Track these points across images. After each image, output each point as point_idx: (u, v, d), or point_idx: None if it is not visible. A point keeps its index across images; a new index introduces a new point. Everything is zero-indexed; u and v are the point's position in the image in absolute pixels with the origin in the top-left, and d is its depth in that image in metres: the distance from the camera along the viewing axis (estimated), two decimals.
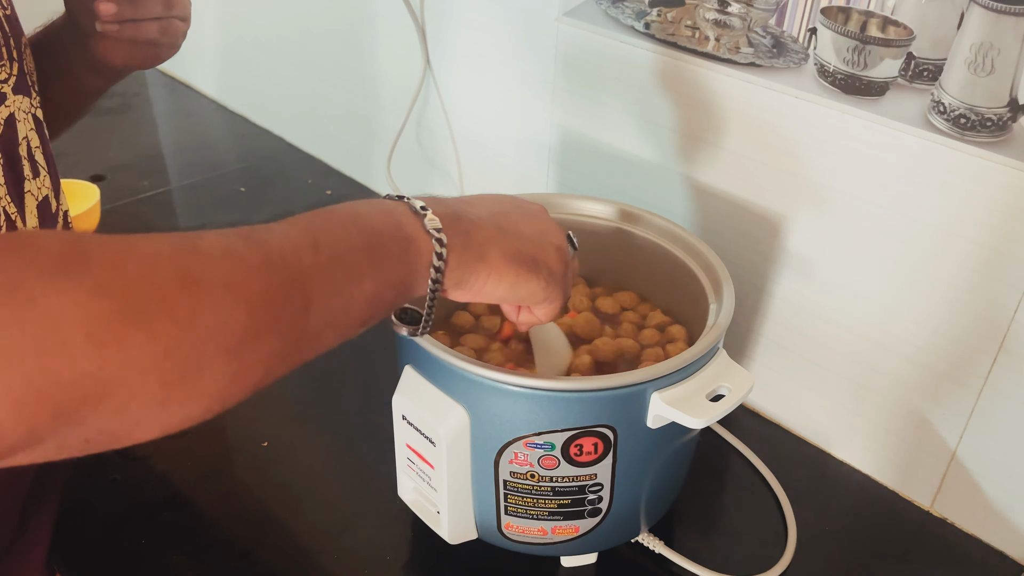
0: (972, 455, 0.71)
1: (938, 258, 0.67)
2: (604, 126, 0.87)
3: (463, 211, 0.50)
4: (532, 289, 0.51)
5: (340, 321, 0.43)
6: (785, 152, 0.73)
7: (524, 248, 0.51)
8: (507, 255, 0.50)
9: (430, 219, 0.47)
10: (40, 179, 0.62)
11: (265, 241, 0.40)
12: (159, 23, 0.68)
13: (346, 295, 0.43)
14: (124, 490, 0.75)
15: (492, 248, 0.49)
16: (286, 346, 0.40)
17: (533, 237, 0.52)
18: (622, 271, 0.78)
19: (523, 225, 0.52)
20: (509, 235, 0.51)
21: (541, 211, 0.56)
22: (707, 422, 0.57)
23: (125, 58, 0.69)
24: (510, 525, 0.65)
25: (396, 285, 0.46)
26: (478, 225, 0.50)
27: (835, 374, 0.78)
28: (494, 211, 0.52)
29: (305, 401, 0.86)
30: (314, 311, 0.41)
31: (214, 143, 1.40)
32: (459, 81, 1.02)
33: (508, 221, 0.52)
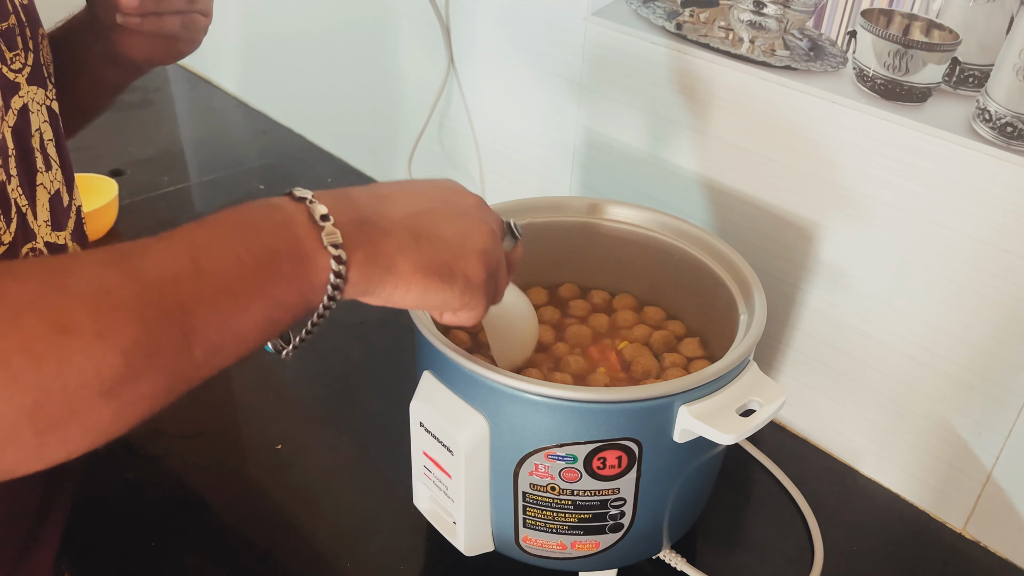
0: (1009, 476, 0.68)
1: (978, 271, 0.65)
2: (631, 129, 0.85)
3: (374, 214, 0.46)
4: (445, 298, 0.48)
5: (229, 348, 0.41)
6: (820, 158, 0.71)
7: (439, 256, 0.46)
8: (418, 265, 0.46)
9: (329, 233, 0.43)
10: (52, 172, 0.61)
11: (142, 269, 0.37)
12: (181, 17, 0.67)
13: (234, 323, 0.40)
14: (137, 490, 0.74)
15: (402, 258, 0.45)
16: (169, 381, 0.38)
17: (452, 241, 0.47)
18: (649, 278, 0.76)
19: (444, 227, 0.48)
20: (424, 241, 0.46)
21: (474, 206, 0.51)
22: (737, 438, 0.55)
23: (146, 52, 0.68)
24: (528, 538, 0.63)
25: (292, 307, 0.43)
26: (388, 232, 0.45)
27: (867, 389, 0.75)
28: (413, 210, 0.48)
29: (320, 403, 0.85)
30: (198, 344, 0.38)
31: (234, 140, 1.39)
32: (483, 80, 1.00)
33: (426, 223, 0.47)
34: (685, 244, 0.73)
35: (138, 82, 0.77)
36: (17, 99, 0.57)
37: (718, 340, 0.69)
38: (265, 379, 0.88)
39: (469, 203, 0.51)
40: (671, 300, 0.76)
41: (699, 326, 0.74)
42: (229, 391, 0.86)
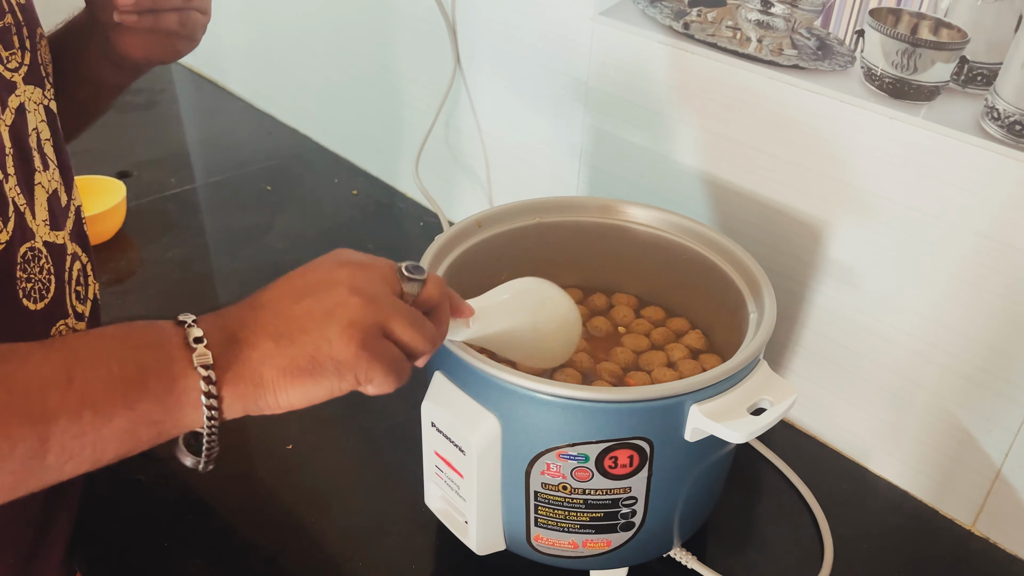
0: (1018, 473, 0.69)
1: (987, 269, 0.65)
2: (639, 128, 0.85)
3: (244, 328, 0.47)
4: (328, 388, 0.48)
5: (86, 457, 0.43)
6: (828, 157, 0.71)
7: (300, 352, 0.46)
8: (283, 369, 0.46)
9: (200, 355, 0.45)
10: (50, 172, 0.61)
11: (13, 377, 0.40)
12: (178, 15, 0.66)
13: (92, 434, 0.42)
14: (147, 491, 0.74)
15: (266, 367, 0.46)
16: (16, 479, 0.41)
17: (313, 330, 0.47)
18: (658, 278, 0.77)
19: (305, 320, 0.47)
20: (284, 342, 0.46)
21: (345, 279, 0.48)
22: (748, 437, 0.55)
23: (144, 51, 0.68)
24: (540, 537, 0.63)
25: (155, 422, 0.45)
26: (253, 344, 0.46)
27: (876, 386, 0.75)
28: (280, 312, 0.47)
29: (331, 403, 0.84)
30: (53, 451, 0.41)
31: (241, 141, 1.40)
32: (489, 80, 1.00)
33: (288, 322, 0.47)
34: (694, 243, 0.73)
35: (144, 84, 0.77)
36: (14, 98, 0.58)
37: (728, 339, 0.69)
38: None
39: (339, 278, 0.48)
40: (680, 299, 0.76)
41: (709, 325, 0.74)
42: None
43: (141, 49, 0.68)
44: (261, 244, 1.11)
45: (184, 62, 1.62)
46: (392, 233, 1.14)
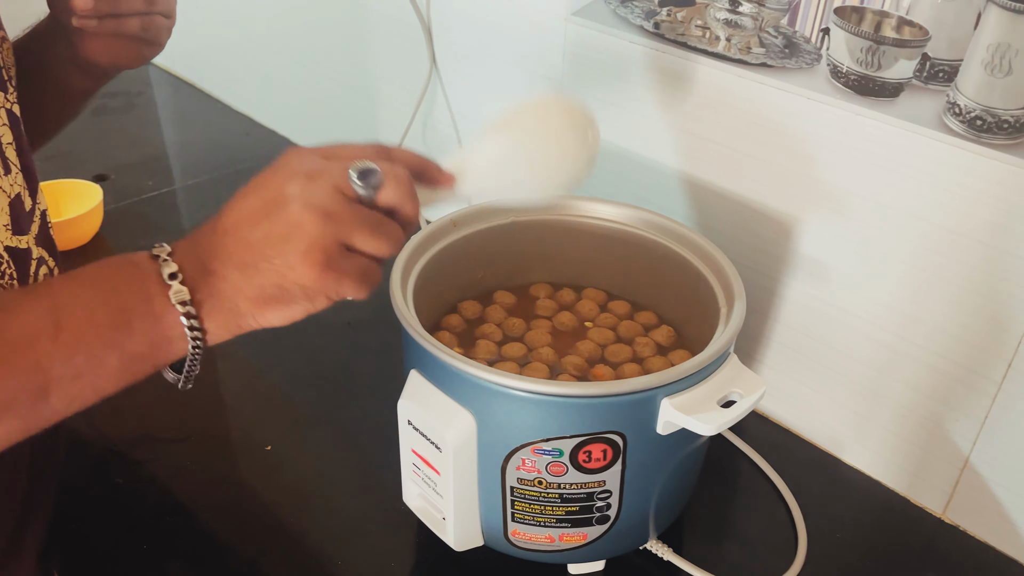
0: (986, 461, 0.70)
1: (953, 262, 0.66)
2: (612, 127, 0.86)
3: (214, 259, 0.47)
4: (303, 309, 0.49)
5: (87, 396, 0.46)
6: (797, 154, 0.72)
7: (267, 283, 0.47)
8: (255, 300, 0.47)
9: (176, 291, 0.46)
10: (12, 176, 0.61)
11: (3, 328, 0.42)
12: (140, 19, 0.66)
13: (90, 376, 0.45)
14: (126, 494, 0.74)
15: (239, 297, 0.47)
16: (26, 423, 0.44)
17: (275, 258, 0.47)
18: (630, 274, 0.77)
19: (265, 247, 0.47)
20: (250, 272, 0.47)
21: (296, 195, 0.47)
22: (718, 429, 0.56)
23: (109, 56, 0.68)
24: (517, 532, 0.64)
25: (146, 357, 0.47)
26: (223, 276, 0.47)
27: (847, 379, 0.77)
28: (243, 239, 0.47)
29: (309, 404, 0.86)
30: (55, 393, 0.44)
31: (219, 143, 1.40)
32: (465, 81, 1.01)
33: (250, 250, 0.47)
34: (666, 240, 0.74)
35: (121, 86, 0.77)
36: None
37: (700, 334, 0.70)
38: (253, 382, 0.89)
39: (291, 194, 0.47)
40: (652, 295, 0.77)
41: (681, 320, 0.75)
42: (218, 394, 0.87)
43: (105, 54, 0.67)
44: None
45: (161, 64, 1.62)
46: None
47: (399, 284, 0.65)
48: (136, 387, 0.84)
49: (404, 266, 0.67)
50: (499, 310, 0.76)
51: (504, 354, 0.71)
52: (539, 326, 0.75)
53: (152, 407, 0.84)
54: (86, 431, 0.81)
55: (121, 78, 0.74)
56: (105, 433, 0.81)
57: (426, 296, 0.69)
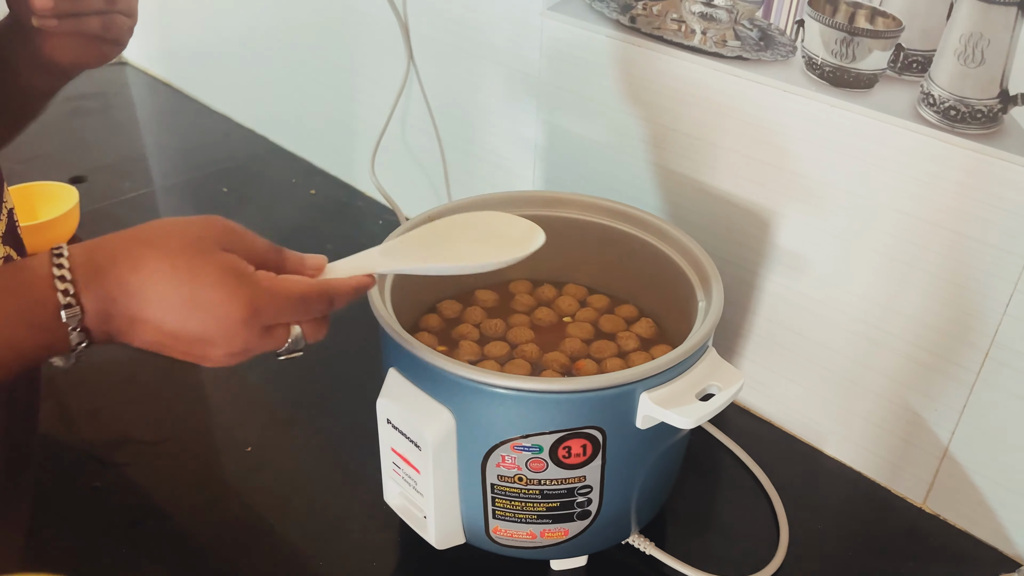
0: (965, 450, 0.70)
1: (928, 252, 0.66)
2: (590, 122, 0.86)
3: (123, 326, 0.48)
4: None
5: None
6: (774, 146, 0.72)
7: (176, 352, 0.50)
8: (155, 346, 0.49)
9: (74, 339, 0.47)
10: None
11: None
12: (101, 18, 0.65)
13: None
14: (104, 498, 0.74)
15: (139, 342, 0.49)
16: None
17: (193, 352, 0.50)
18: (609, 269, 0.77)
19: (185, 344, 0.50)
20: (164, 349, 0.50)
21: (219, 352, 0.51)
22: (697, 422, 0.56)
23: (70, 56, 0.67)
24: (498, 529, 0.64)
25: (44, 352, 0.48)
26: (128, 334, 0.49)
27: (826, 370, 0.77)
28: (160, 329, 0.49)
29: (289, 404, 0.85)
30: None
31: (196, 143, 1.39)
32: (444, 77, 1.01)
33: (167, 339, 0.49)
34: (644, 234, 0.74)
35: (98, 87, 0.77)
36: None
37: (678, 327, 0.70)
38: (232, 382, 0.88)
39: (216, 349, 0.51)
40: (632, 289, 0.77)
41: (660, 314, 0.75)
42: (196, 396, 0.86)
43: (66, 54, 0.67)
44: None
45: (138, 64, 1.61)
46: (351, 232, 1.14)
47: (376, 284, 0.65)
48: (114, 388, 0.84)
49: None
50: (478, 310, 0.76)
51: (487, 353, 0.71)
52: (520, 323, 0.74)
53: (130, 409, 0.83)
54: (63, 434, 0.80)
55: (97, 79, 0.74)
56: (83, 436, 0.80)
57: (405, 294, 0.69)
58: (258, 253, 0.53)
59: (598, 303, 0.77)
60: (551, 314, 0.75)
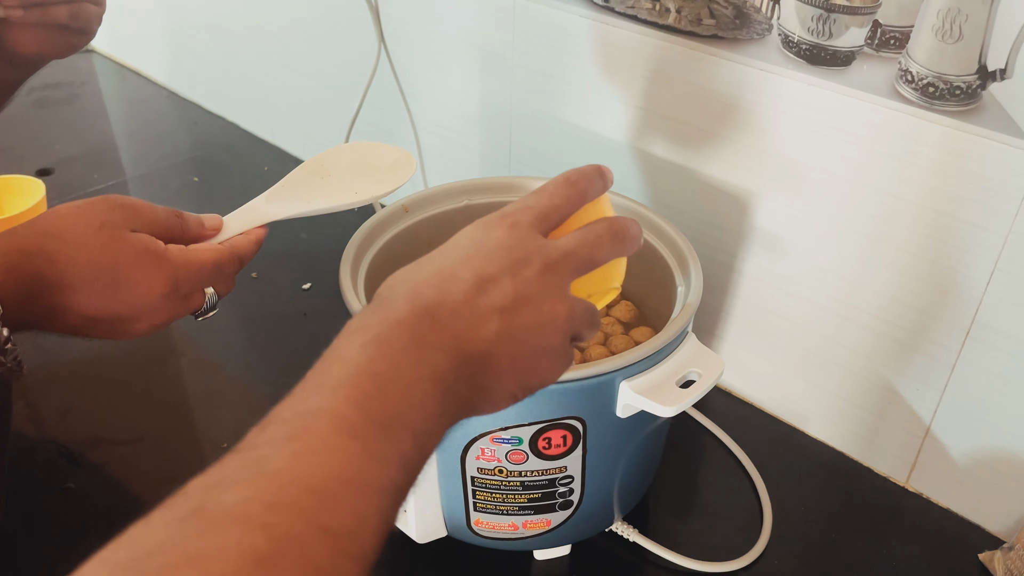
0: (947, 429, 0.70)
1: (908, 231, 0.66)
2: (565, 103, 0.85)
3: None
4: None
5: None
6: (751, 126, 0.71)
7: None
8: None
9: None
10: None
11: None
12: (68, 7, 0.63)
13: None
14: (79, 500, 0.72)
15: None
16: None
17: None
18: None
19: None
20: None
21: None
22: (677, 410, 0.55)
23: (36, 46, 0.65)
24: (480, 521, 0.63)
25: None
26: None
27: (807, 351, 0.76)
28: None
29: (267, 398, 0.83)
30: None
31: (166, 132, 1.36)
32: (415, 60, 0.99)
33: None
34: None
35: (64, 76, 0.74)
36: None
37: (657, 313, 0.69)
38: (207, 378, 0.87)
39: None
40: None
41: (640, 299, 0.74)
42: (169, 393, 0.84)
43: (32, 44, 0.65)
44: None
45: (105, 52, 1.57)
46: (326, 220, 1.11)
47: (349, 274, 0.63)
48: (86, 387, 0.82)
49: (354, 255, 0.66)
50: None
51: None
52: None
53: (103, 408, 0.81)
54: (34, 435, 0.78)
55: (63, 67, 0.72)
56: (54, 436, 0.78)
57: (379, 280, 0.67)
58: (160, 223, 0.55)
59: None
60: None
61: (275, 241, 0.82)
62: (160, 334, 0.89)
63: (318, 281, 0.98)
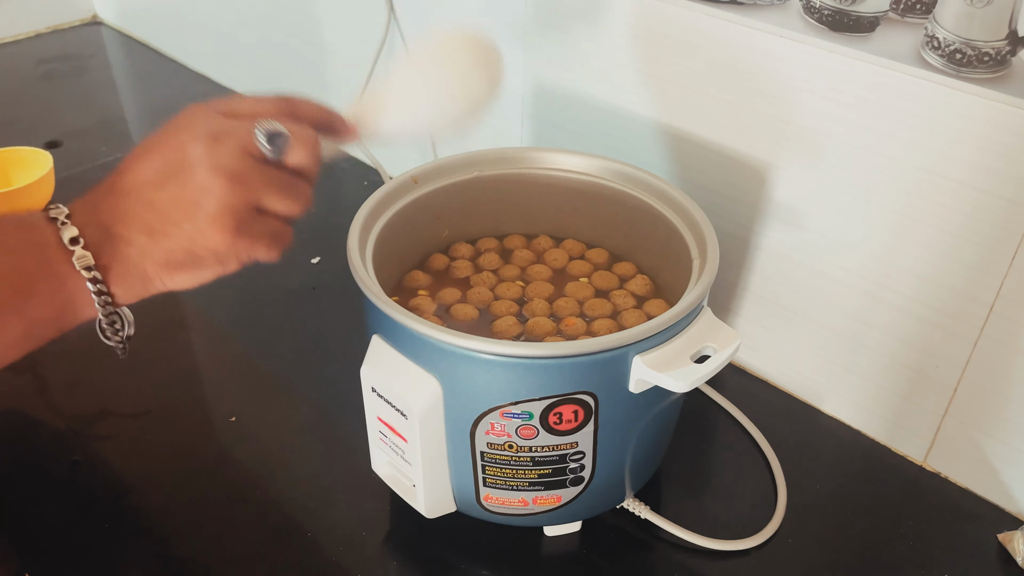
0: (967, 407, 0.69)
1: (931, 203, 0.64)
2: (579, 74, 0.83)
3: (117, 221, 0.46)
4: (213, 273, 0.48)
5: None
6: (770, 96, 0.69)
7: (176, 247, 0.46)
8: (163, 264, 0.47)
9: (80, 257, 0.45)
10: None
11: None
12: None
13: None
14: (86, 472, 0.72)
15: (148, 262, 0.47)
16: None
17: (184, 223, 0.46)
18: (599, 226, 0.75)
19: (173, 209, 0.46)
20: (158, 237, 0.46)
21: (200, 158, 0.46)
22: (692, 385, 0.54)
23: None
24: (489, 497, 0.62)
25: (51, 321, 0.46)
26: (128, 240, 0.46)
27: (824, 327, 0.75)
28: (147, 200, 0.46)
29: (274, 372, 0.83)
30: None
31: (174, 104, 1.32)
32: (426, 27, 0.97)
33: (155, 213, 0.46)
34: (636, 191, 0.71)
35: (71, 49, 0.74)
36: None
37: (673, 287, 0.68)
38: (215, 351, 0.86)
39: (196, 156, 0.46)
40: (624, 248, 0.75)
41: (656, 272, 0.72)
42: (178, 367, 0.84)
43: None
44: None
45: (114, 24, 1.56)
46: (336, 194, 1.10)
47: (357, 247, 0.62)
48: (93, 360, 0.81)
49: (362, 227, 0.64)
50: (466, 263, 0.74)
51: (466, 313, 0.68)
52: (510, 277, 0.72)
53: (110, 381, 0.81)
54: (40, 408, 0.78)
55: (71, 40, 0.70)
56: (61, 409, 0.78)
57: (388, 257, 0.66)
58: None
59: (597, 258, 0.74)
60: (545, 269, 0.73)
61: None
62: (167, 308, 0.89)
63: (327, 255, 0.97)
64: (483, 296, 0.70)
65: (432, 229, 0.74)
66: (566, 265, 0.74)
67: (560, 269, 0.74)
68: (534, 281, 0.72)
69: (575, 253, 0.75)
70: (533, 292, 0.70)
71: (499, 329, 0.66)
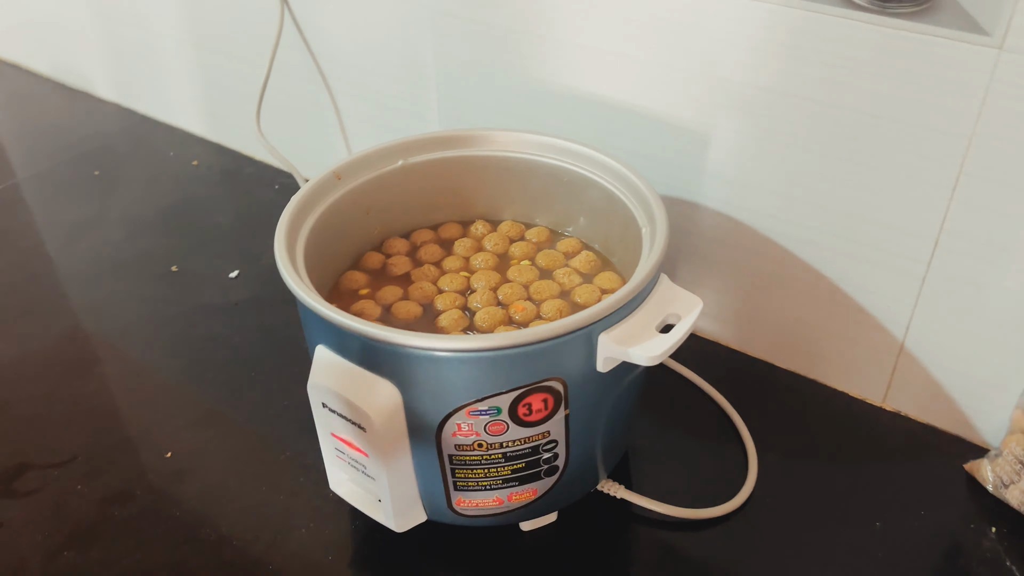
0: (921, 344, 0.69)
1: (868, 145, 0.63)
2: (493, 49, 0.79)
3: None
4: None
5: None
6: (699, 53, 0.67)
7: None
8: None
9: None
10: None
11: None
12: None
13: None
14: (13, 534, 0.65)
15: None
16: None
17: None
18: (539, 205, 0.72)
19: None
20: None
21: None
22: (663, 356, 0.52)
23: None
24: (461, 501, 0.59)
25: None
26: None
27: (776, 285, 0.74)
28: None
29: (203, 399, 0.77)
30: None
31: (55, 125, 1.25)
32: (324, 18, 0.92)
33: None
34: (572, 164, 0.68)
35: None
36: None
37: (626, 257, 0.66)
38: (136, 384, 0.79)
39: None
40: (567, 224, 0.72)
41: (604, 245, 0.70)
42: (98, 405, 0.77)
43: None
44: (98, 236, 0.99)
45: None
46: (244, 202, 1.04)
47: (285, 253, 0.57)
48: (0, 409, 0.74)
49: (288, 232, 0.60)
50: (403, 259, 0.70)
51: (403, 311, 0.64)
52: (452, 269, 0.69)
53: (24, 430, 0.74)
54: None
55: None
56: None
57: (320, 261, 0.62)
58: None
59: (538, 236, 0.72)
60: (490, 256, 0.70)
61: (190, 228, 0.75)
62: (75, 342, 0.82)
63: (245, 267, 0.92)
64: (426, 291, 0.66)
65: (363, 225, 0.70)
66: (507, 249, 0.71)
67: (502, 254, 0.70)
68: (480, 270, 0.68)
69: (515, 235, 0.72)
70: (479, 281, 0.67)
71: (444, 324, 0.63)
